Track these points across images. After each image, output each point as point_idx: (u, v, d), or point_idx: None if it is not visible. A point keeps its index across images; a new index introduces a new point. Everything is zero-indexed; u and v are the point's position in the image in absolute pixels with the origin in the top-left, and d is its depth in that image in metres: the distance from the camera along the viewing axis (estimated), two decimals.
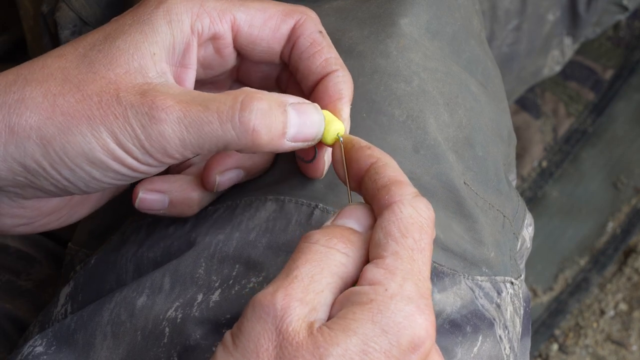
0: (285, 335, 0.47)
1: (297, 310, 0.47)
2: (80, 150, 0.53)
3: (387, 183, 0.51)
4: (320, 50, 0.57)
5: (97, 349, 0.58)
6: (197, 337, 0.55)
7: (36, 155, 0.53)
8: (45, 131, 0.52)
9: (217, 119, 0.52)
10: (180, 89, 0.54)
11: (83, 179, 0.54)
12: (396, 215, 0.50)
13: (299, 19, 0.57)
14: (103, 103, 0.53)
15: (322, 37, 0.58)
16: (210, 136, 0.53)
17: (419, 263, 0.49)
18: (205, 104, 0.53)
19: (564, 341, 1.24)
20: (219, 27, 0.56)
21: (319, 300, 0.48)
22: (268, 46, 0.58)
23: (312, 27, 0.58)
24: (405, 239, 0.49)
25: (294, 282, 0.48)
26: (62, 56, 0.55)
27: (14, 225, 0.59)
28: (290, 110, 0.54)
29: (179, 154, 0.53)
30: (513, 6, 1.06)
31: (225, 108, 0.52)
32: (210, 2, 0.56)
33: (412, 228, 0.50)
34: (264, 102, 0.53)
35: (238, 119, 0.52)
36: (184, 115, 0.52)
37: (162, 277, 0.58)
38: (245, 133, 0.53)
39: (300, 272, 0.49)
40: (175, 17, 0.55)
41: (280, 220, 0.58)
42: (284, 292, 0.48)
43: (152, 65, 0.54)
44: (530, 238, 0.70)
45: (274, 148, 0.54)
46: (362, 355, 0.46)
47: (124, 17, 0.56)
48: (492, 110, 0.67)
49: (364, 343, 0.47)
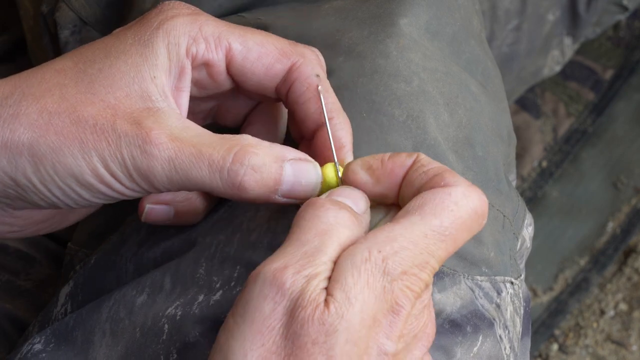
0: (296, 314, 0.46)
1: (310, 288, 0.46)
2: (70, 171, 0.53)
3: (441, 171, 0.50)
4: (316, 96, 0.56)
5: (96, 347, 0.58)
6: (197, 334, 0.55)
7: (27, 171, 0.53)
8: (37, 149, 0.53)
9: (207, 167, 0.52)
10: (178, 121, 0.53)
11: (71, 197, 0.54)
12: (442, 195, 0.49)
13: (295, 61, 0.57)
14: (98, 127, 0.52)
15: (319, 82, 0.57)
16: (197, 181, 0.53)
17: (429, 242, 0.48)
18: (198, 148, 0.52)
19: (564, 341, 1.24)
20: (212, 55, 0.56)
21: (324, 269, 0.47)
22: (259, 81, 0.57)
23: (309, 70, 0.57)
24: (433, 219, 0.48)
25: (304, 256, 0.47)
26: (61, 71, 0.54)
27: (6, 232, 0.59)
28: (287, 166, 0.53)
29: (164, 187, 0.54)
30: (513, 6, 1.06)
31: (217, 157, 0.52)
32: (210, 27, 0.55)
33: (447, 213, 0.48)
34: (259, 157, 0.52)
35: (227, 172, 0.52)
36: (175, 156, 0.52)
37: (163, 276, 0.58)
38: (231, 186, 0.52)
39: (309, 244, 0.48)
40: (173, 40, 0.55)
41: (282, 221, 0.58)
42: (294, 269, 0.47)
43: (154, 88, 0.54)
44: (530, 238, 0.70)
45: (262, 201, 0.54)
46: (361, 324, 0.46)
47: (126, 33, 0.56)
48: (492, 110, 0.67)
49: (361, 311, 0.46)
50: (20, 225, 0.59)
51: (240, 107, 0.62)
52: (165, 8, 0.56)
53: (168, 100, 0.54)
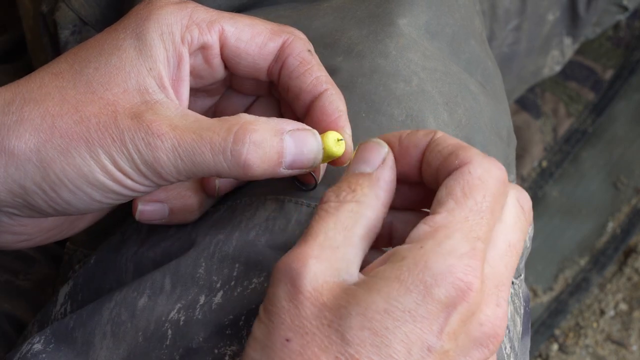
0: (305, 294, 0.46)
1: (314, 268, 0.46)
2: (80, 172, 0.53)
3: (454, 149, 0.49)
4: (310, 69, 0.57)
5: (97, 348, 0.58)
6: (200, 339, 0.55)
7: (36, 177, 0.53)
8: (44, 154, 0.53)
9: (210, 150, 0.52)
10: (177, 110, 0.54)
11: (83, 200, 0.54)
12: (464, 176, 0.48)
13: (287, 38, 0.57)
14: (101, 125, 0.53)
15: (311, 56, 0.57)
16: (203, 166, 0.53)
17: (472, 223, 0.47)
18: (199, 133, 0.52)
19: (564, 341, 1.24)
20: (207, 37, 0.56)
21: (338, 256, 0.47)
22: (253, 61, 0.57)
23: (301, 46, 0.57)
24: (467, 200, 0.47)
25: (308, 241, 0.47)
26: (58, 74, 0.54)
27: (15, 241, 0.59)
28: (288, 138, 0.53)
29: (173, 178, 0.54)
30: (513, 6, 1.06)
31: (218, 139, 0.52)
32: (200, 13, 0.56)
33: (476, 190, 0.48)
34: (259, 133, 0.53)
35: (230, 152, 0.52)
36: (178, 144, 0.52)
37: (163, 277, 0.58)
38: (236, 166, 0.53)
39: (313, 231, 0.48)
40: (167, 29, 0.55)
41: (280, 219, 0.58)
42: (298, 252, 0.47)
43: (150, 81, 0.54)
44: (529, 238, 0.70)
45: (269, 176, 0.54)
46: (384, 314, 0.45)
47: (117, 29, 0.56)
48: (492, 110, 0.67)
49: (386, 302, 0.45)
50: (29, 234, 0.59)
51: (235, 107, 0.62)
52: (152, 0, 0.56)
53: (166, 91, 0.54)
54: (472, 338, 0.47)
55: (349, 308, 0.45)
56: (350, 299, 0.45)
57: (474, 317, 0.46)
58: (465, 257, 0.46)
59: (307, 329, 0.46)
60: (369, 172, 0.50)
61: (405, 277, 0.45)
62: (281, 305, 0.46)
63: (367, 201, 0.49)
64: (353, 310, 0.45)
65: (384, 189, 0.50)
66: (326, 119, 0.56)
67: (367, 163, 0.51)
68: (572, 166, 1.30)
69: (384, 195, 0.50)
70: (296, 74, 0.57)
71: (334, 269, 0.47)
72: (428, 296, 0.45)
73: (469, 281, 0.45)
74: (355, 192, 0.49)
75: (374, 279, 0.46)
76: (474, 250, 0.46)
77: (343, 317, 0.45)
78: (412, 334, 0.45)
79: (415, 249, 0.46)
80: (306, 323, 0.46)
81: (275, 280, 0.47)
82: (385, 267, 0.46)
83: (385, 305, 0.45)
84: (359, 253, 0.48)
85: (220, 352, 0.55)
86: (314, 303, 0.46)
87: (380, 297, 0.45)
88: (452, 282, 0.45)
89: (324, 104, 0.56)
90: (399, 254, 0.46)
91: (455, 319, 0.45)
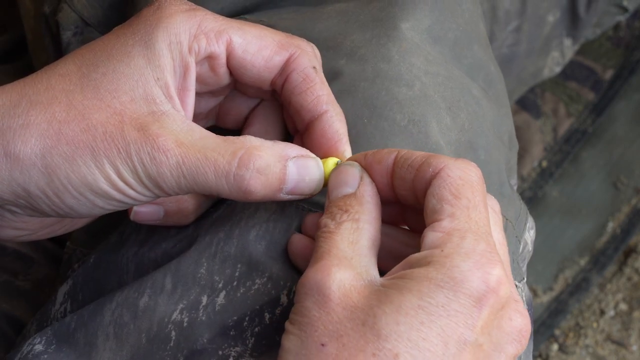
0: (335, 300, 0.48)
1: (338, 275, 0.48)
2: (85, 180, 0.53)
3: (424, 159, 0.52)
4: (312, 87, 0.57)
5: (100, 350, 0.58)
6: (204, 341, 0.55)
7: (40, 182, 0.53)
8: (50, 160, 0.52)
9: (213, 171, 0.53)
10: (183, 124, 0.54)
11: (85, 206, 0.54)
12: (445, 180, 0.50)
13: (293, 52, 0.57)
14: (107, 135, 0.53)
15: (315, 73, 0.57)
16: (204, 185, 0.53)
17: (476, 220, 0.49)
18: (204, 152, 0.53)
19: (564, 341, 1.24)
20: (214, 48, 0.56)
21: (355, 264, 0.49)
22: (258, 73, 0.57)
23: (306, 62, 0.57)
24: (459, 200, 0.50)
25: (323, 256, 0.49)
26: (65, 76, 0.54)
27: (17, 236, 0.59)
28: (291, 164, 0.54)
29: (173, 192, 0.54)
30: (513, 7, 1.06)
31: (223, 162, 0.53)
32: (209, 22, 0.56)
33: (463, 188, 0.50)
34: (263, 159, 0.53)
35: (233, 177, 0.53)
36: (183, 162, 0.52)
37: (164, 277, 0.58)
38: (238, 190, 0.53)
39: (323, 250, 0.50)
40: (175, 38, 0.55)
41: (281, 223, 0.58)
42: (318, 266, 0.49)
43: (157, 90, 0.54)
44: (532, 241, 0.70)
45: (268, 200, 0.55)
46: (418, 310, 0.46)
47: (125, 33, 0.55)
48: (494, 114, 0.67)
49: (419, 299, 0.47)
50: (31, 229, 0.59)
51: (239, 109, 0.62)
52: (162, 4, 0.56)
53: (173, 101, 0.54)
54: (505, 333, 0.48)
55: (382, 307, 0.47)
56: (382, 298, 0.47)
57: (503, 311, 0.48)
58: (486, 254, 0.48)
59: (341, 332, 0.47)
60: (353, 192, 0.52)
61: (434, 275, 0.47)
62: (312, 315, 0.48)
63: (362, 217, 0.51)
64: (387, 308, 0.47)
65: (372, 202, 0.53)
66: (326, 143, 0.57)
67: (347, 184, 0.53)
68: (572, 166, 1.30)
69: (374, 209, 0.52)
70: (298, 90, 0.57)
71: (357, 273, 0.49)
72: (459, 291, 0.47)
73: (498, 274, 0.48)
74: (349, 212, 0.52)
75: (402, 280, 0.48)
76: (489, 246, 0.49)
77: (377, 315, 0.47)
78: (448, 327, 0.47)
79: (437, 253, 0.48)
80: (340, 326, 0.47)
81: (302, 295, 0.49)
82: (412, 270, 0.48)
83: (419, 302, 0.47)
84: (373, 260, 0.51)
85: (224, 353, 0.55)
86: (344, 307, 0.47)
87: (412, 294, 0.47)
88: (481, 276, 0.47)
89: (323, 127, 0.57)
90: (422, 259, 0.48)
91: (487, 312, 0.47)
